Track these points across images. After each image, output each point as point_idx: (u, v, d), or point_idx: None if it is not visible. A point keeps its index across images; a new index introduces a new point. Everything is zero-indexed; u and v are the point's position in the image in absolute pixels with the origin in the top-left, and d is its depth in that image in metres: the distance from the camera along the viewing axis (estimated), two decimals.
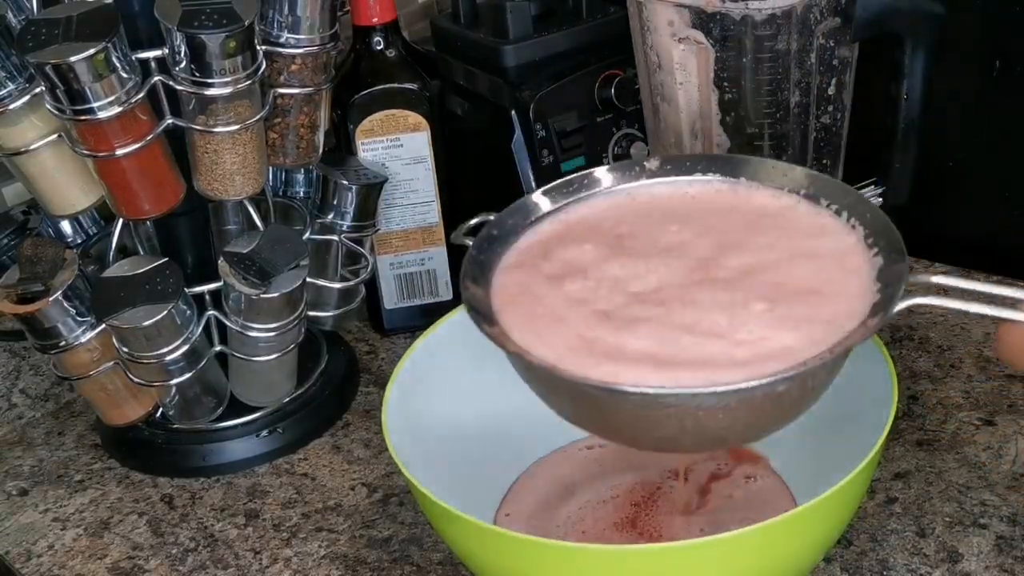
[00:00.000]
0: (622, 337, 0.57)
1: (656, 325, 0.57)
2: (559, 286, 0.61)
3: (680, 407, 0.55)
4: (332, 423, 0.89)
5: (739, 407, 0.56)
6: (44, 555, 0.79)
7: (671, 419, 0.56)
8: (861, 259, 0.60)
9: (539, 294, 0.61)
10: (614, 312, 0.59)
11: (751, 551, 0.59)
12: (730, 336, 0.56)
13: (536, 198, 0.67)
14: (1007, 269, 0.93)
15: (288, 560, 0.76)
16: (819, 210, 0.63)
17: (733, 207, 0.65)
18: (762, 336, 0.56)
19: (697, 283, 0.60)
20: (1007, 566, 0.67)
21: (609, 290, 0.60)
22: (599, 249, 0.63)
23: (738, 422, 0.57)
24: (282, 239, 0.78)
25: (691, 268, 0.61)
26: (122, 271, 0.76)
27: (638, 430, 0.58)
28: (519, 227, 0.66)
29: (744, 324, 0.56)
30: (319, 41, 0.77)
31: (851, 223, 0.62)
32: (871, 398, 0.66)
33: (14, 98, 0.73)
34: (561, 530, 0.71)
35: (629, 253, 0.63)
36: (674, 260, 0.62)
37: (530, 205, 0.67)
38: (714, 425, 0.57)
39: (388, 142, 0.91)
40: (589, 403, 0.58)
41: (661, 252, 0.62)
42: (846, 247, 0.61)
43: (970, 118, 0.93)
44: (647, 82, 0.83)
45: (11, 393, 0.94)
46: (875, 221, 0.61)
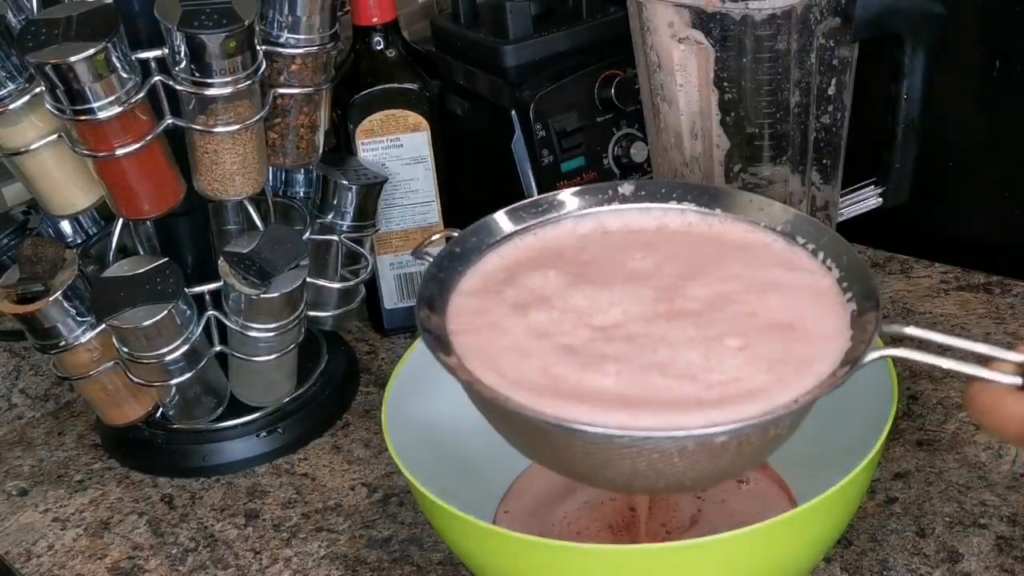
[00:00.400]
0: (587, 375, 0.55)
1: (625, 364, 0.56)
2: (522, 315, 0.60)
3: (633, 448, 0.54)
4: (332, 423, 0.89)
5: (697, 452, 0.55)
6: (44, 555, 0.79)
7: (624, 460, 0.55)
8: (835, 300, 0.59)
9: (502, 325, 0.59)
10: (580, 348, 0.57)
11: (751, 551, 0.59)
12: (703, 378, 0.55)
13: (500, 218, 0.66)
14: (1007, 269, 0.93)
15: (288, 560, 0.76)
16: (795, 248, 0.63)
17: (704, 238, 0.64)
18: (735, 377, 0.55)
19: (664, 315, 0.59)
20: (1007, 566, 0.67)
21: (573, 324, 0.59)
22: (563, 276, 0.62)
23: (696, 467, 0.56)
24: (282, 239, 0.78)
25: (656, 298, 0.60)
26: (122, 271, 0.76)
27: (590, 468, 0.57)
28: (483, 246, 0.65)
29: (719, 363, 0.55)
30: (319, 41, 0.77)
31: (827, 264, 0.61)
32: (871, 398, 0.66)
33: (14, 98, 0.73)
34: (557, 529, 0.71)
35: (593, 281, 0.61)
36: (640, 289, 0.60)
37: (495, 225, 0.66)
38: (669, 469, 0.56)
39: (388, 142, 0.91)
40: (541, 438, 0.57)
41: (626, 280, 0.61)
42: (820, 286, 0.60)
43: (970, 118, 0.93)
44: (647, 82, 0.83)
45: (11, 393, 0.94)
46: (851, 265, 0.60)
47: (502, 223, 0.66)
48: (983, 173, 0.93)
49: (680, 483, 0.58)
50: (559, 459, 0.59)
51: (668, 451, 0.54)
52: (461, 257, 0.64)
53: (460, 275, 0.63)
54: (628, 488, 0.61)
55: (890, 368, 0.66)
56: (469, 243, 0.65)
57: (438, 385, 0.73)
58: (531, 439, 0.59)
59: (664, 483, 0.58)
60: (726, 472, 0.59)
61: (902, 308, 0.91)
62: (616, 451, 0.55)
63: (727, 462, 0.56)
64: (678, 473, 0.56)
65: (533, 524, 0.71)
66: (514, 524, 0.72)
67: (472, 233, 0.65)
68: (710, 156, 0.82)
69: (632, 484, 0.59)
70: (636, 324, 0.58)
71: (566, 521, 0.72)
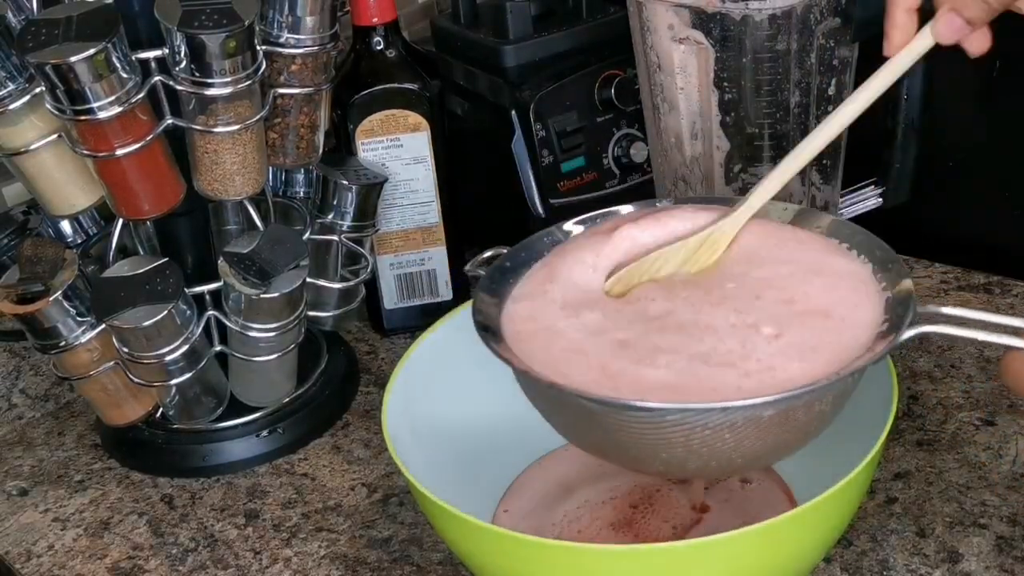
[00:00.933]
0: (642, 369, 0.57)
1: (674, 356, 0.57)
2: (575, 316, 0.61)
3: (685, 425, 0.56)
4: (332, 423, 0.89)
5: (745, 427, 0.56)
6: (44, 555, 0.79)
7: (676, 437, 0.56)
8: (872, 288, 0.60)
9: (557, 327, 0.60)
10: (634, 341, 0.58)
11: (751, 551, 0.59)
12: (740, 366, 0.56)
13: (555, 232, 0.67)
14: (1007, 269, 0.93)
15: (288, 560, 0.76)
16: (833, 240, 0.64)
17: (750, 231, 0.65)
18: (769, 366, 0.56)
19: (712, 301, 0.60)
20: (1007, 566, 0.67)
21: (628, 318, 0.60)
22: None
23: (745, 444, 0.57)
24: (282, 239, 0.78)
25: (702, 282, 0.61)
26: (122, 271, 0.76)
27: (645, 451, 0.59)
28: (531, 260, 0.66)
29: (753, 351, 0.57)
30: (319, 41, 0.77)
31: (861, 259, 0.62)
32: (871, 398, 0.66)
33: (14, 98, 0.73)
34: (557, 528, 0.71)
35: None
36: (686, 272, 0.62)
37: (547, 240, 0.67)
38: (720, 446, 0.57)
39: (388, 142, 0.91)
40: (594, 421, 0.58)
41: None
42: (861, 273, 0.61)
43: (970, 118, 0.93)
44: (647, 82, 0.83)
45: (11, 393, 0.94)
46: (884, 257, 0.62)
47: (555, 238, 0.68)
48: (983, 173, 0.93)
49: (731, 461, 0.59)
50: (614, 443, 0.60)
51: (718, 426, 0.56)
52: (512, 271, 0.66)
53: (512, 286, 0.65)
54: (683, 470, 0.62)
55: (890, 368, 0.66)
56: (519, 257, 0.66)
57: (438, 385, 0.73)
58: (588, 426, 0.60)
59: (716, 463, 0.59)
60: (774, 450, 0.60)
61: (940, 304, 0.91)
62: (668, 429, 0.56)
63: (774, 439, 0.58)
64: (728, 450, 0.57)
65: (533, 523, 0.72)
66: (514, 523, 0.72)
67: (522, 248, 0.67)
68: (710, 156, 0.82)
69: (686, 465, 0.60)
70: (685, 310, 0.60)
71: (566, 520, 0.72)
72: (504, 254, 0.66)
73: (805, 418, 0.58)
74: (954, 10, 0.56)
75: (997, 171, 0.93)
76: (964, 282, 0.93)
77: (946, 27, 0.57)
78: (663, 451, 0.58)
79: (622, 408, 0.56)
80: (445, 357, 0.74)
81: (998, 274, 0.93)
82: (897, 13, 0.58)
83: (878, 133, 0.85)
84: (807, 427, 0.59)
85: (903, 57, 0.59)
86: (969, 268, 0.94)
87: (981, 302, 0.90)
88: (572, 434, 0.64)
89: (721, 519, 0.70)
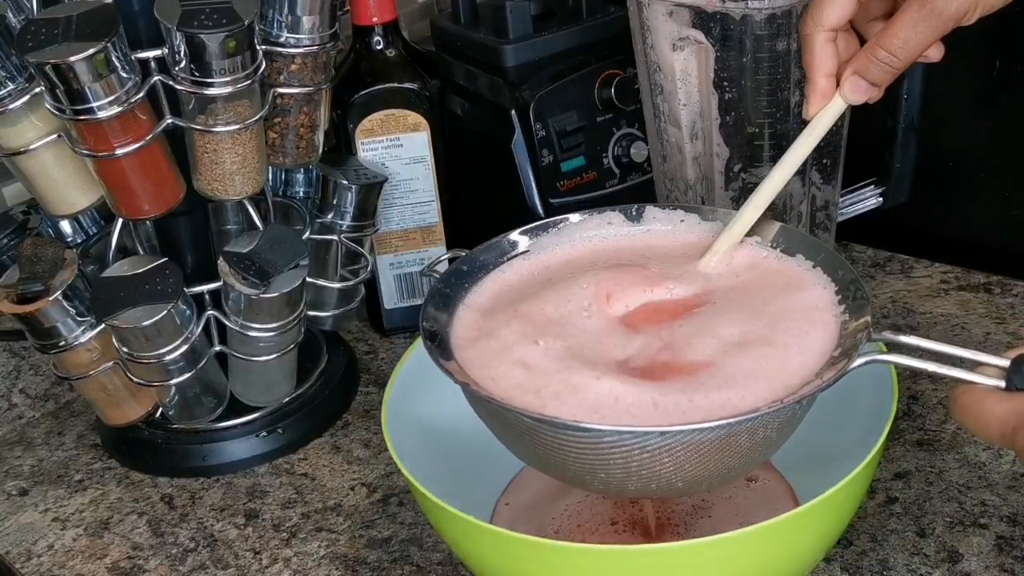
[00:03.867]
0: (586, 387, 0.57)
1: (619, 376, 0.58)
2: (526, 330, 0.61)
3: (622, 446, 0.56)
4: (332, 423, 0.89)
5: (685, 452, 0.56)
6: (44, 555, 0.79)
7: (616, 459, 0.57)
8: (829, 316, 0.60)
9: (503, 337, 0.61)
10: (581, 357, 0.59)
11: (751, 551, 0.59)
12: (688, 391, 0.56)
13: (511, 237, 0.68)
14: (1007, 269, 0.93)
15: (288, 560, 0.76)
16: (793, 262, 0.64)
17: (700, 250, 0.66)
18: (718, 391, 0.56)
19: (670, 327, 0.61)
20: (1007, 566, 0.67)
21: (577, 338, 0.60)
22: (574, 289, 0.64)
23: (686, 468, 0.57)
24: (282, 239, 0.78)
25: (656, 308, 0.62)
26: (122, 271, 0.76)
27: (584, 468, 0.59)
28: (490, 264, 0.67)
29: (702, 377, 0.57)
30: (319, 41, 0.77)
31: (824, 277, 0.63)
32: (871, 398, 0.66)
33: (14, 98, 0.73)
34: (557, 522, 0.71)
35: None
36: None
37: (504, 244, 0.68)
38: (660, 469, 0.57)
39: (388, 142, 0.91)
40: (535, 438, 0.59)
41: None
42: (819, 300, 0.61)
43: (970, 118, 0.93)
44: (647, 82, 0.83)
45: (11, 393, 0.94)
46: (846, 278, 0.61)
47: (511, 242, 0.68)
48: (983, 173, 0.93)
49: (671, 484, 0.59)
50: (554, 461, 0.60)
51: (656, 450, 0.55)
52: (468, 275, 0.66)
53: (466, 292, 0.65)
54: (624, 490, 0.62)
55: (890, 368, 0.66)
56: (476, 262, 0.67)
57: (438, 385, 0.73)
58: (530, 441, 0.60)
59: (657, 485, 0.59)
60: (717, 474, 0.60)
61: (902, 308, 0.91)
62: (606, 450, 0.56)
63: (716, 464, 0.58)
64: (669, 474, 0.57)
65: (534, 517, 0.72)
66: (515, 517, 0.72)
67: (481, 252, 0.67)
68: (710, 156, 0.82)
69: (627, 486, 0.59)
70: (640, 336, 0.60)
71: (567, 514, 0.72)
72: (461, 258, 0.67)
73: (748, 444, 0.58)
74: (857, 74, 0.60)
75: (997, 171, 0.93)
76: (964, 282, 0.93)
77: (852, 91, 0.61)
78: (601, 471, 0.58)
79: (560, 428, 0.56)
80: None
81: (998, 274, 0.93)
82: (818, 79, 0.61)
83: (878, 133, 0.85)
84: (751, 453, 0.59)
85: (824, 118, 0.62)
86: (969, 268, 0.94)
87: (981, 302, 0.90)
88: (514, 447, 0.63)
89: (724, 516, 0.70)
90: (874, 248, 0.98)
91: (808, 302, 0.61)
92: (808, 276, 0.63)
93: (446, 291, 0.65)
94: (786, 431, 0.60)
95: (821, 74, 0.61)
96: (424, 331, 0.62)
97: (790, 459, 0.72)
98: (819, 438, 0.69)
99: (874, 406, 0.65)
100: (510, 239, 0.69)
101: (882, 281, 0.95)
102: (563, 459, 0.59)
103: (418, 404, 0.72)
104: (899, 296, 0.92)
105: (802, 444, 0.70)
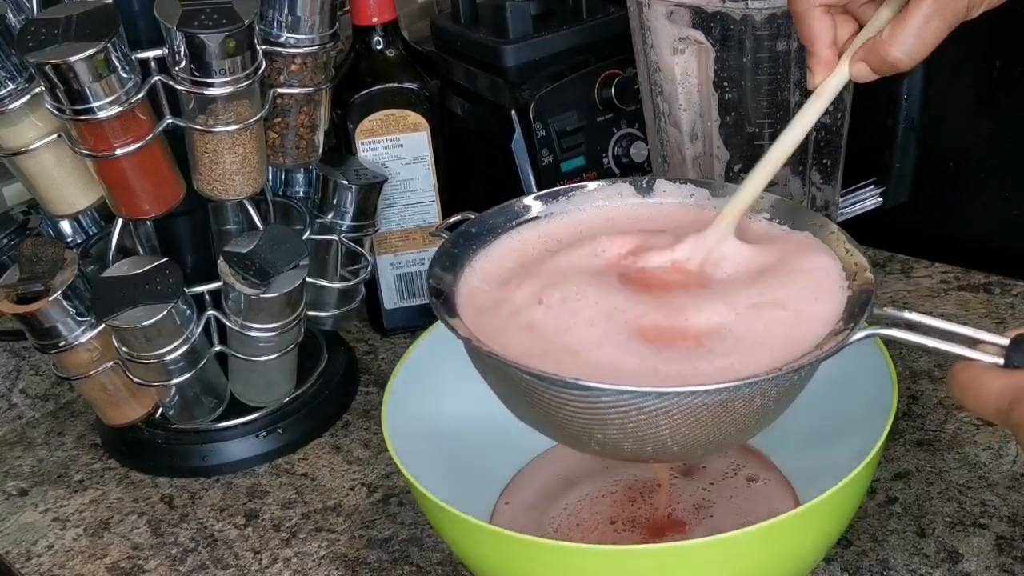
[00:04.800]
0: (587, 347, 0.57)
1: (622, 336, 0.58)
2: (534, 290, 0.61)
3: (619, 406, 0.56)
4: (332, 423, 0.89)
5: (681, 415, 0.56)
6: (44, 555, 0.79)
7: (612, 419, 0.57)
8: (837, 285, 0.60)
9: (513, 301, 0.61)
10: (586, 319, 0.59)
11: (751, 551, 0.59)
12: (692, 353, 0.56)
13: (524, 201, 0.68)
14: (1007, 269, 0.93)
15: (288, 560, 0.76)
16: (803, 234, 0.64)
17: None
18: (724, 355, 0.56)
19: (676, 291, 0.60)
20: (1007, 566, 0.67)
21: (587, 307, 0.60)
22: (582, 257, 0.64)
23: (682, 432, 0.57)
24: (282, 239, 0.78)
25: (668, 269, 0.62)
26: (122, 271, 0.76)
27: (581, 428, 0.59)
28: (499, 228, 0.67)
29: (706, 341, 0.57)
30: (319, 41, 0.77)
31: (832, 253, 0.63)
32: (871, 398, 0.66)
33: (14, 98, 0.73)
34: (556, 521, 0.71)
35: None
36: None
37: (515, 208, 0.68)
38: (655, 432, 0.57)
39: (388, 142, 0.91)
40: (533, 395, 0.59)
41: None
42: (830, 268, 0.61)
43: (970, 118, 0.93)
44: (647, 82, 0.83)
45: (11, 393, 0.94)
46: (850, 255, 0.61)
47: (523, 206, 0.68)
48: (983, 173, 0.93)
49: (667, 448, 0.59)
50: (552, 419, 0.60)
51: (653, 411, 0.55)
52: (476, 237, 0.66)
53: (474, 254, 0.65)
54: (619, 452, 0.62)
55: (890, 368, 0.66)
56: (485, 225, 0.67)
57: (438, 385, 0.73)
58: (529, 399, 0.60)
59: (652, 448, 0.59)
60: (713, 441, 0.59)
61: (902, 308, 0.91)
62: (603, 410, 0.56)
63: (712, 429, 0.58)
64: (664, 437, 0.57)
65: (533, 516, 0.72)
66: (514, 515, 0.72)
67: (491, 216, 0.67)
68: (710, 156, 0.82)
69: (622, 447, 0.59)
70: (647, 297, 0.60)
71: (566, 513, 0.72)
72: (471, 220, 0.67)
73: (746, 411, 0.58)
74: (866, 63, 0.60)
75: (997, 171, 0.93)
76: (964, 282, 0.93)
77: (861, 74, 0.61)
78: (598, 432, 0.58)
79: (559, 385, 0.56)
80: (445, 357, 0.74)
81: (998, 274, 0.93)
82: (819, 50, 0.61)
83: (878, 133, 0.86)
84: (747, 420, 0.59)
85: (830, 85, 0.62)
86: (969, 268, 0.94)
87: (981, 302, 0.90)
88: (513, 405, 0.63)
89: (726, 515, 0.70)
90: (874, 248, 0.98)
91: (820, 266, 0.61)
92: (818, 249, 0.63)
93: (454, 251, 0.65)
94: (784, 401, 0.60)
95: (822, 46, 0.61)
96: (430, 288, 0.62)
97: (791, 459, 0.72)
98: (819, 438, 0.69)
99: (874, 406, 0.65)
100: (523, 203, 0.69)
101: (882, 281, 0.95)
102: (560, 418, 0.59)
103: (418, 404, 0.72)
104: (899, 296, 0.92)
105: (803, 444, 0.70)
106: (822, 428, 0.69)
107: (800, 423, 0.65)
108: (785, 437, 0.67)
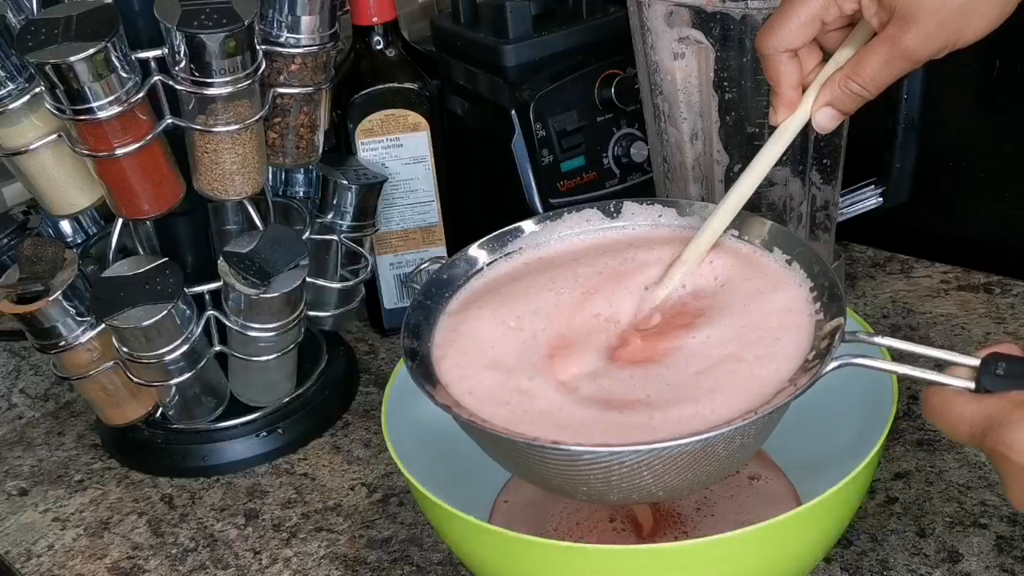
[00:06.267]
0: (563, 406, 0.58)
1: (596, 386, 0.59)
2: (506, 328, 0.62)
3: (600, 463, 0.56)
4: (332, 423, 0.89)
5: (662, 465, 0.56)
6: (44, 555, 0.79)
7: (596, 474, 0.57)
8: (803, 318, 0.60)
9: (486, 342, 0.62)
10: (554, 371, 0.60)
11: (751, 551, 0.59)
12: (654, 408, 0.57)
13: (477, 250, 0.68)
14: (1007, 269, 0.93)
15: (288, 560, 0.76)
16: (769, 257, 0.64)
17: None
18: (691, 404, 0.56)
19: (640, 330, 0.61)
20: (1007, 566, 0.67)
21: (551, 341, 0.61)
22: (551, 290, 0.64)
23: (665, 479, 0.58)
24: (282, 239, 0.78)
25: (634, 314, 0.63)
26: (122, 271, 0.76)
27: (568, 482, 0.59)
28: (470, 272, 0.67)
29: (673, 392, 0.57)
30: (319, 41, 0.77)
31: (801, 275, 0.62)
32: (871, 398, 0.66)
33: (14, 98, 0.73)
34: (555, 520, 0.71)
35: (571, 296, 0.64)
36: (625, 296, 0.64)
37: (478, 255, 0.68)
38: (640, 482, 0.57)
39: (388, 142, 0.91)
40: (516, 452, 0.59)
41: None
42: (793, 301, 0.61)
43: (970, 118, 0.93)
44: (647, 82, 0.83)
45: (11, 393, 0.94)
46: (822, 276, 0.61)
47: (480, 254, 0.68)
48: (983, 173, 0.93)
49: (653, 494, 0.60)
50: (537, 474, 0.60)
51: (634, 465, 0.56)
52: (448, 283, 0.66)
53: (447, 301, 0.66)
54: (606, 500, 0.63)
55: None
56: (456, 269, 0.67)
57: None
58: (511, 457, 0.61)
59: (638, 495, 0.60)
60: (698, 481, 0.60)
61: (902, 308, 0.91)
62: (585, 467, 0.57)
63: (695, 472, 0.58)
64: (648, 485, 0.58)
65: (533, 515, 0.72)
66: (514, 515, 0.72)
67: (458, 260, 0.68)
68: (710, 156, 0.82)
69: (608, 497, 0.60)
70: None
71: (566, 512, 0.72)
72: (440, 266, 0.67)
73: (725, 452, 0.58)
74: (831, 105, 0.62)
75: (997, 171, 0.93)
76: (964, 282, 0.93)
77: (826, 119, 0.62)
78: (582, 484, 0.59)
79: (537, 448, 0.56)
80: None
81: (998, 274, 0.93)
82: (784, 91, 0.62)
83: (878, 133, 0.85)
84: (729, 459, 0.59)
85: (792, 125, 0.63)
86: (969, 268, 0.94)
87: (981, 302, 0.90)
88: (500, 461, 0.64)
89: (726, 514, 0.70)
90: (874, 248, 0.98)
91: (782, 304, 0.61)
92: (783, 275, 0.63)
93: (427, 303, 0.65)
94: (763, 435, 0.60)
95: (787, 87, 0.62)
96: (405, 349, 0.62)
97: (793, 459, 0.72)
98: (819, 438, 0.69)
99: (874, 406, 0.65)
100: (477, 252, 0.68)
101: (882, 281, 0.95)
102: (545, 473, 0.59)
103: (418, 404, 0.71)
104: (899, 296, 0.92)
105: (803, 444, 0.70)
106: (823, 427, 0.69)
107: (801, 423, 0.65)
108: (786, 436, 0.67)
